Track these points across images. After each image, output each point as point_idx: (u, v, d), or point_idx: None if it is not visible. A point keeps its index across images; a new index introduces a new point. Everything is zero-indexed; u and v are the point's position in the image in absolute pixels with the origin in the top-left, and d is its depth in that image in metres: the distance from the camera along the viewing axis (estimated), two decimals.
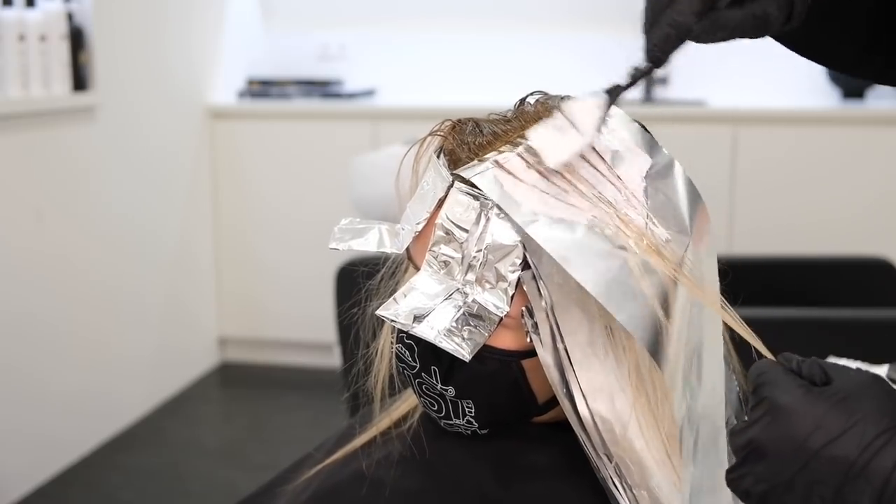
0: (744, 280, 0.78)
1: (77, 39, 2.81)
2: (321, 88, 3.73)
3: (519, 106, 0.77)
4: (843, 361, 1.31)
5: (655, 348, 0.66)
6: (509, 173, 0.70)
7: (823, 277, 2.29)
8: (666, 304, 0.67)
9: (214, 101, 3.60)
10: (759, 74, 3.61)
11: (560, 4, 3.77)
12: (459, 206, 0.71)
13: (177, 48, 3.39)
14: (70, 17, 2.78)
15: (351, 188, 2.41)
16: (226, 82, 3.69)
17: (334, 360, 3.24)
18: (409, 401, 0.86)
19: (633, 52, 0.67)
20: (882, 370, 1.28)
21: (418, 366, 0.75)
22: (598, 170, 0.71)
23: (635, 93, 3.65)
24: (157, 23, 3.25)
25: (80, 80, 2.83)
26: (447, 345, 0.69)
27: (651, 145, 0.74)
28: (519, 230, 0.69)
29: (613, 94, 0.69)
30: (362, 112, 3.57)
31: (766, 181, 3.24)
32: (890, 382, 1.26)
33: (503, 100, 0.80)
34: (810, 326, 1.79)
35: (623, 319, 0.65)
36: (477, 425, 0.76)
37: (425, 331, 0.69)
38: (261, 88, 3.72)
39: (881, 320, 1.84)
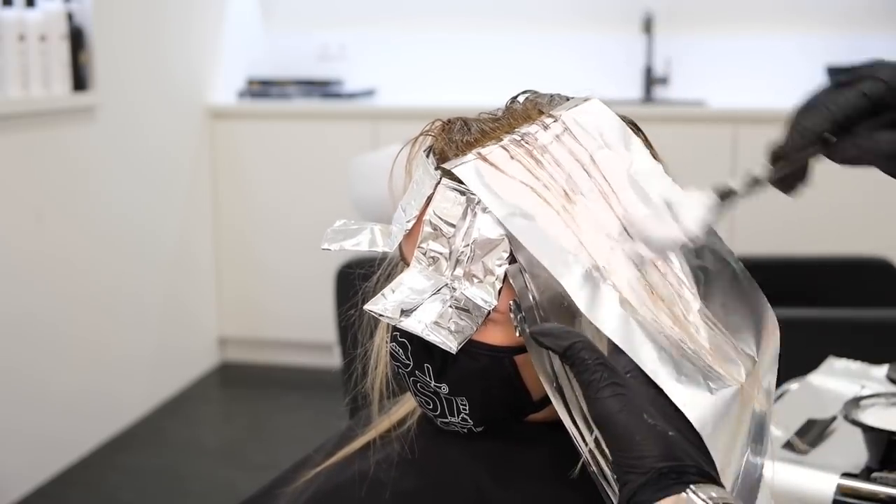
0: None
1: (77, 39, 2.81)
2: (321, 88, 3.73)
3: (509, 104, 0.78)
4: (843, 361, 1.31)
5: (629, 347, 0.66)
6: (492, 164, 0.71)
7: (823, 277, 2.29)
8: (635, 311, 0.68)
9: (214, 101, 3.60)
10: (759, 74, 3.61)
11: (560, 4, 3.77)
12: (446, 202, 0.71)
13: (177, 48, 3.39)
14: (70, 17, 2.79)
15: (350, 188, 2.41)
16: (226, 82, 3.69)
17: (334, 360, 3.23)
18: (407, 403, 0.86)
19: (633, 52, 0.66)
20: (882, 370, 1.28)
21: (412, 364, 0.76)
22: (583, 166, 0.72)
23: (635, 92, 3.66)
24: (157, 23, 3.25)
25: (80, 80, 2.83)
26: (434, 338, 0.69)
27: (627, 139, 0.75)
28: (498, 221, 0.69)
29: (725, 196, 0.68)
30: (362, 112, 3.57)
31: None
32: (890, 382, 1.26)
33: (503, 100, 0.80)
34: (810, 326, 1.79)
35: (595, 318, 0.66)
36: (472, 423, 0.76)
37: (412, 324, 0.69)
38: (261, 88, 3.72)
39: (881, 320, 1.84)
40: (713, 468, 0.61)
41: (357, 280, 0.84)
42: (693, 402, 0.64)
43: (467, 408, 0.75)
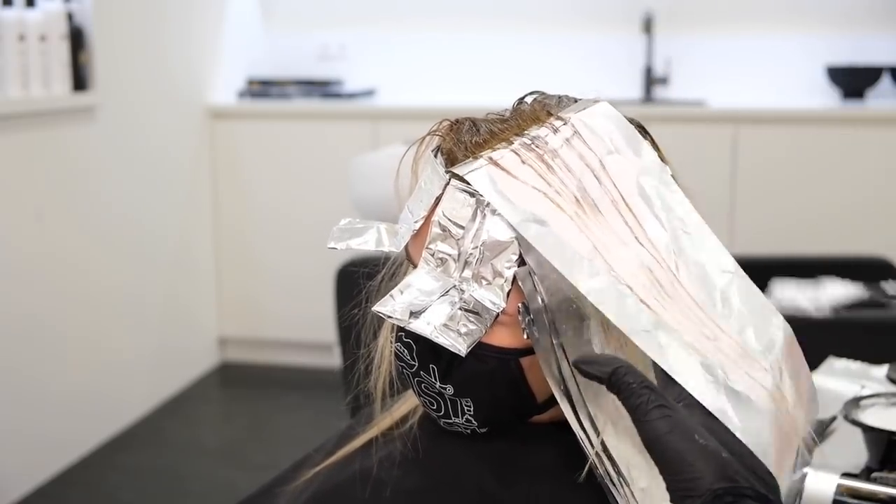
0: None
1: (77, 39, 2.81)
2: (321, 88, 3.73)
3: (517, 105, 0.77)
4: (843, 361, 1.31)
5: (668, 365, 0.66)
6: (503, 170, 0.70)
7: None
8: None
9: (214, 101, 3.60)
10: (759, 74, 3.61)
11: (560, 4, 3.77)
12: (455, 204, 0.71)
13: (177, 48, 3.39)
14: (70, 17, 2.78)
15: (351, 188, 2.41)
16: (226, 82, 3.69)
17: (334, 360, 3.24)
18: (409, 401, 0.86)
19: (633, 52, 0.66)
20: (882, 370, 1.28)
21: (417, 364, 0.76)
22: (593, 172, 0.72)
23: (635, 92, 3.66)
24: (157, 23, 3.25)
25: (80, 80, 2.83)
26: (443, 340, 0.69)
27: (637, 143, 0.75)
28: (512, 227, 0.69)
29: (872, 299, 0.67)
30: (362, 112, 3.57)
31: (766, 181, 3.24)
32: (890, 382, 1.26)
33: (503, 99, 0.80)
34: (810, 326, 1.79)
35: (611, 316, 0.66)
36: (476, 424, 0.76)
37: (421, 326, 0.69)
38: (261, 88, 3.72)
39: (881, 320, 1.84)
40: (773, 492, 0.59)
41: (361, 279, 0.84)
42: (745, 424, 0.64)
43: (472, 409, 0.75)
